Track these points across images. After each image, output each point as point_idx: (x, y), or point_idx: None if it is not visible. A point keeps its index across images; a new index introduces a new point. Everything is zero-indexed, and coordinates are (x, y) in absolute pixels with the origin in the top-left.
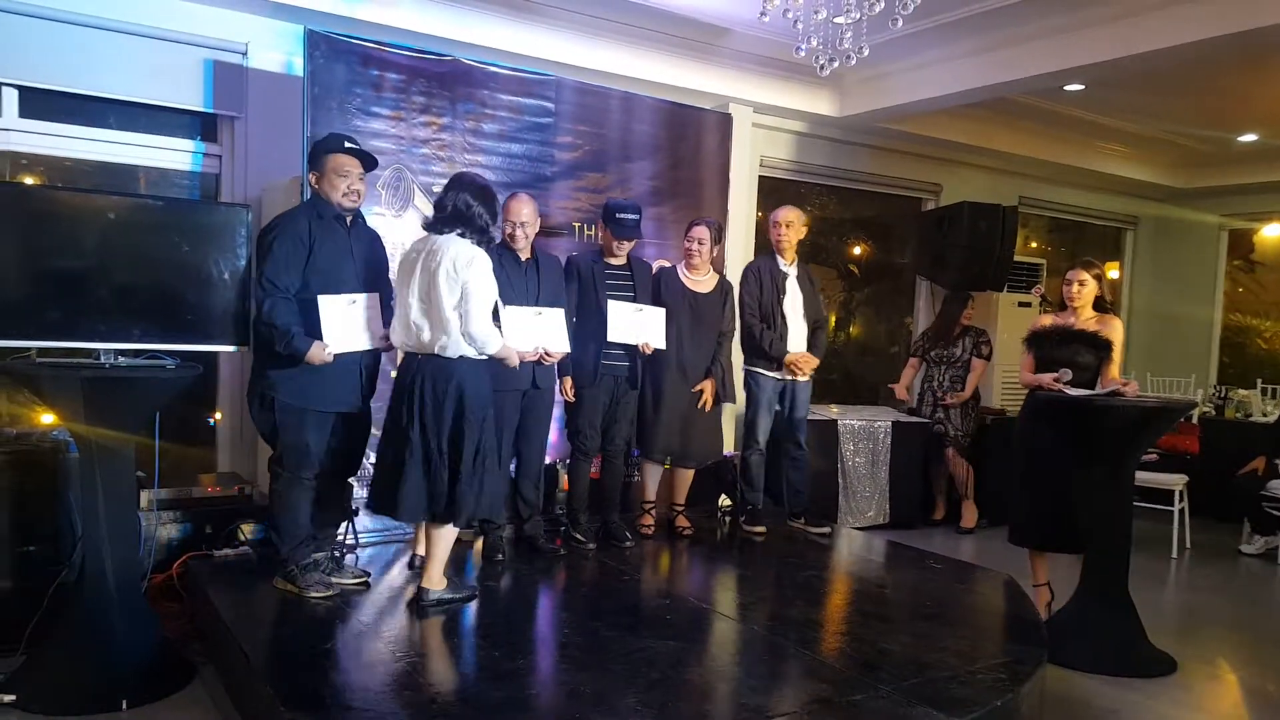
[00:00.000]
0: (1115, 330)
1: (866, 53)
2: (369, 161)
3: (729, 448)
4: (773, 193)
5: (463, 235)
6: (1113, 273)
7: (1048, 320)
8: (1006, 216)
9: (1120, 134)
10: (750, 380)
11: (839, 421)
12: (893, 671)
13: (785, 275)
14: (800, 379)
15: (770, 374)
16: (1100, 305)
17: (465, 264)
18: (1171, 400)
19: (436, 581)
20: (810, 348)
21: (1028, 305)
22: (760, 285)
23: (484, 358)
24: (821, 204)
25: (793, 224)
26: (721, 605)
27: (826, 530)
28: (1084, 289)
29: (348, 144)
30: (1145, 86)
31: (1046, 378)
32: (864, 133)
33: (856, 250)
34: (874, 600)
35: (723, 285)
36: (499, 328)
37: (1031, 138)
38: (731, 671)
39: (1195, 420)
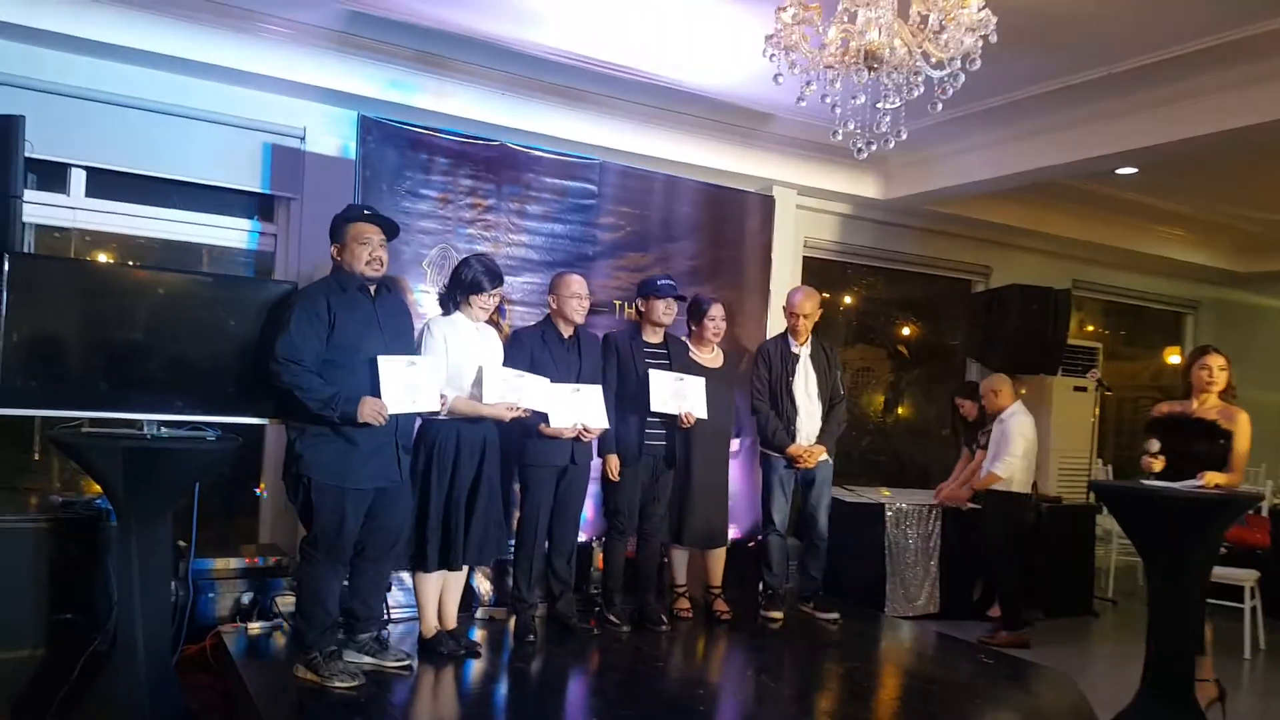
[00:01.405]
0: (1240, 423)
1: (905, 136)
2: (390, 228)
3: None
4: (819, 273)
5: (444, 301)
6: (1173, 358)
7: (1166, 407)
8: (1059, 300)
9: (1177, 217)
10: (764, 462)
11: (886, 505)
12: None
13: (796, 357)
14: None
15: (782, 457)
16: (1226, 394)
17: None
18: (1234, 493)
19: (423, 630)
20: (824, 425)
21: (1083, 389)
22: (769, 368)
23: (444, 416)
24: (869, 284)
25: (810, 315)
26: (759, 697)
27: (834, 617)
28: (1222, 374)
29: (366, 211)
30: (1201, 170)
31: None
32: (910, 215)
33: (905, 331)
34: (920, 696)
35: (730, 358)
36: (480, 389)
37: (1084, 221)
38: None
39: (1265, 513)
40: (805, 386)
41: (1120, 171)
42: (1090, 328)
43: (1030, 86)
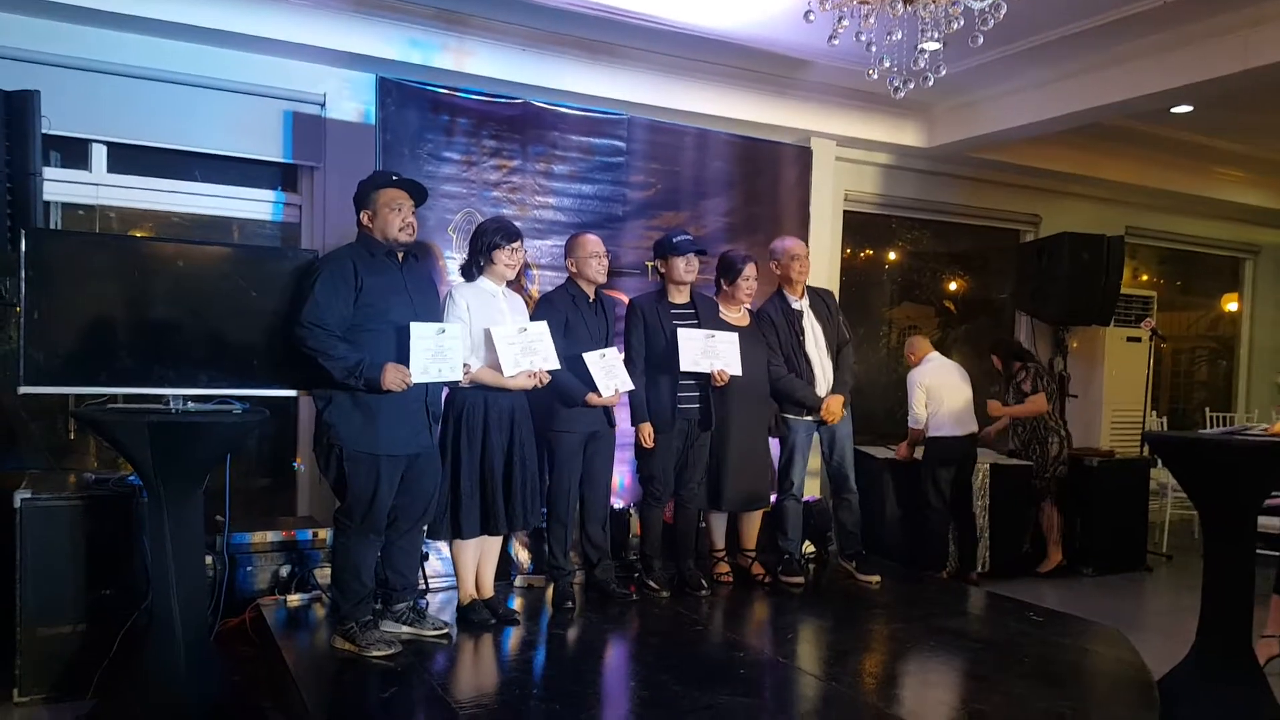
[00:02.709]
0: None
1: (943, 73)
2: (418, 193)
3: (812, 492)
4: (861, 228)
5: (466, 269)
6: (1231, 305)
7: None
8: (1111, 247)
9: (1234, 157)
10: (782, 425)
11: None
12: None
13: (799, 313)
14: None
15: (802, 418)
16: None
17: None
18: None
19: (460, 598)
20: (837, 374)
21: (1137, 340)
22: (776, 330)
23: (465, 384)
24: (913, 238)
25: (798, 256)
26: (800, 659)
27: (876, 579)
28: None
29: (394, 177)
30: (1260, 105)
31: None
32: (955, 163)
33: (952, 286)
34: (967, 656)
35: (755, 317)
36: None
37: (1137, 164)
38: None
39: None
40: (815, 344)
41: (1175, 110)
42: (1144, 276)
43: (1078, 21)
